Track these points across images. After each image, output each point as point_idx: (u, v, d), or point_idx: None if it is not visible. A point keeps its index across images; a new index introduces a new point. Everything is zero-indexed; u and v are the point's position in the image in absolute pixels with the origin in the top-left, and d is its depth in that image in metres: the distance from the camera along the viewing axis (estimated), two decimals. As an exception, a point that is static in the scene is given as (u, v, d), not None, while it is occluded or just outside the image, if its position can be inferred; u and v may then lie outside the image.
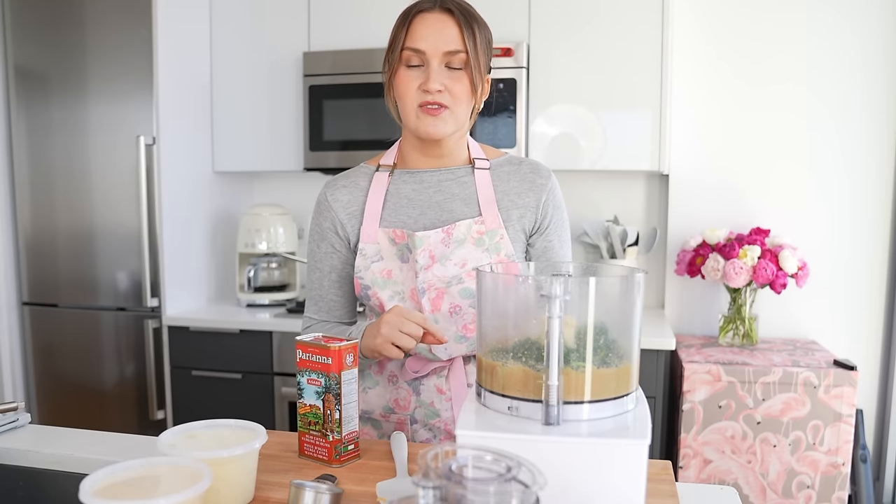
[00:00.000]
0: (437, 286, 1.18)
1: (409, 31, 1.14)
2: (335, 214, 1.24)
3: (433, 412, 1.22)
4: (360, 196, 1.24)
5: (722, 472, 2.20)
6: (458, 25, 1.13)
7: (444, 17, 1.13)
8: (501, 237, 1.19)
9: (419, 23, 1.13)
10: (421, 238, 1.16)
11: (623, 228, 2.65)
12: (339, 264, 1.27)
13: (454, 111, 1.15)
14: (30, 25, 2.61)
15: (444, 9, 1.14)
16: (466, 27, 1.13)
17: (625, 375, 0.79)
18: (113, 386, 2.64)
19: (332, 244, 1.26)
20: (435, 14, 1.13)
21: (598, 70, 2.45)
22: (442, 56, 1.12)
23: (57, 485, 1.10)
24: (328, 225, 1.26)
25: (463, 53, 1.13)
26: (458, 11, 1.14)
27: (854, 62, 2.48)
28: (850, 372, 2.12)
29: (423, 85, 1.13)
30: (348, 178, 1.27)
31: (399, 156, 1.27)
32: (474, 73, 1.14)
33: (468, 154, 1.25)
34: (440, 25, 1.12)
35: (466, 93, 1.15)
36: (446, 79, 1.13)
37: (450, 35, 1.12)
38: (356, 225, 1.24)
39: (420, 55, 1.13)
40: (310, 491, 0.83)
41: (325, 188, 1.27)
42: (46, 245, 2.67)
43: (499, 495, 0.57)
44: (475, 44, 1.14)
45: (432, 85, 1.12)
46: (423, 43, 1.12)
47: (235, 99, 2.79)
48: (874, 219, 2.52)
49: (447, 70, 1.14)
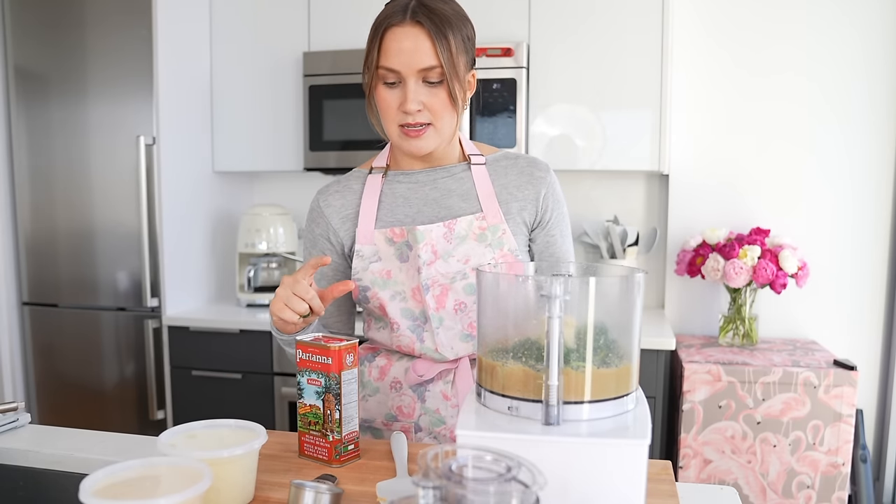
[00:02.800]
0: (442, 282, 1.16)
1: (382, 49, 1.10)
2: (328, 221, 1.23)
3: (439, 419, 1.20)
4: (353, 199, 1.23)
5: (722, 472, 2.20)
6: (430, 38, 1.08)
7: (414, 30, 1.08)
8: (504, 232, 1.18)
9: (391, 39, 1.09)
10: (422, 232, 1.15)
11: (623, 228, 2.65)
12: (329, 272, 1.25)
13: (437, 126, 1.13)
14: (30, 26, 2.61)
15: (415, 21, 1.08)
16: (439, 38, 1.08)
17: (625, 375, 0.79)
18: (113, 386, 2.64)
19: (322, 250, 1.25)
20: (405, 28, 1.08)
21: (597, 70, 2.45)
22: (417, 73, 1.09)
23: (57, 485, 1.10)
24: (320, 232, 1.24)
25: (437, 68, 1.09)
26: (429, 21, 1.08)
27: (855, 61, 2.48)
28: (850, 372, 2.12)
29: (401, 106, 1.11)
30: (340, 183, 1.26)
31: (391, 158, 1.25)
32: (452, 84, 1.10)
33: (462, 152, 1.24)
34: (411, 43, 1.08)
35: (447, 106, 1.12)
36: (424, 96, 1.10)
37: (423, 50, 1.08)
38: (350, 229, 1.22)
39: (395, 73, 1.10)
40: (310, 491, 0.83)
41: (317, 195, 1.26)
42: (46, 245, 2.67)
43: (499, 495, 0.57)
44: (451, 54, 1.09)
45: (410, 106, 1.09)
46: (395, 62, 1.09)
47: (235, 99, 2.79)
48: (874, 219, 2.52)
49: (425, 86, 1.10)
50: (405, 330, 1.19)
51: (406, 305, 1.18)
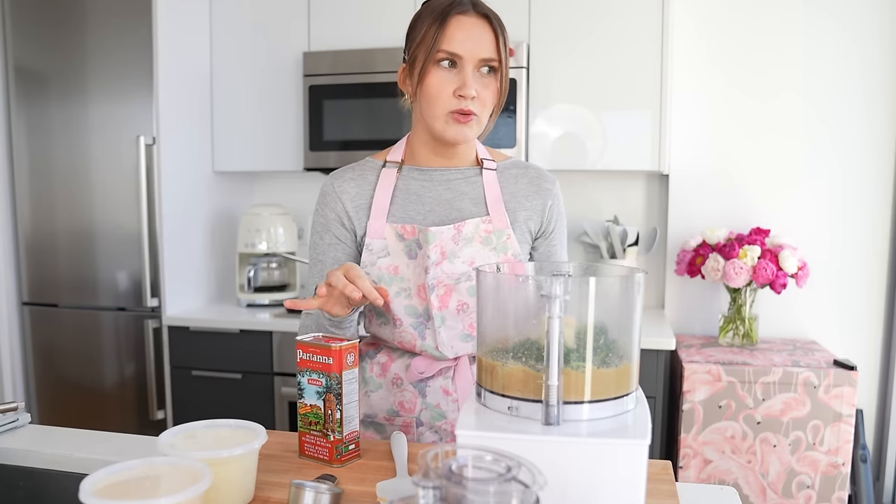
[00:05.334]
0: (447, 283, 1.18)
1: (446, 34, 1.12)
2: (343, 205, 1.23)
3: (439, 414, 1.22)
4: (367, 189, 1.23)
5: (722, 472, 2.20)
6: (493, 32, 1.13)
7: (481, 22, 1.13)
8: (508, 237, 1.20)
9: (456, 25, 1.12)
10: (434, 234, 1.16)
11: (623, 228, 2.66)
12: (342, 256, 1.25)
13: (480, 118, 1.17)
14: (30, 26, 2.61)
15: (481, 14, 1.14)
16: (501, 34, 1.14)
17: (625, 375, 0.79)
18: (113, 386, 2.64)
19: (336, 235, 1.24)
20: (472, 18, 1.13)
21: (598, 70, 2.45)
22: (478, 62, 1.13)
23: (57, 485, 1.10)
24: (333, 216, 1.24)
25: (496, 61, 1.14)
26: (494, 18, 1.14)
27: (854, 61, 2.48)
28: (850, 372, 2.12)
29: (458, 90, 1.12)
30: (355, 170, 1.26)
31: (408, 152, 1.26)
32: (504, 80, 1.16)
33: (476, 155, 1.27)
34: (477, 31, 1.12)
35: (494, 98, 1.17)
36: (479, 84, 1.14)
37: (486, 41, 1.13)
38: (363, 218, 1.22)
39: (456, 58, 1.13)
40: (310, 491, 0.83)
41: (331, 178, 1.25)
42: (46, 245, 2.67)
43: (499, 495, 0.57)
44: (506, 50, 1.15)
45: (469, 91, 1.12)
46: (460, 47, 1.12)
47: (235, 99, 2.79)
48: (874, 219, 2.52)
49: (479, 75, 1.14)
50: (408, 327, 1.20)
51: (410, 302, 1.20)
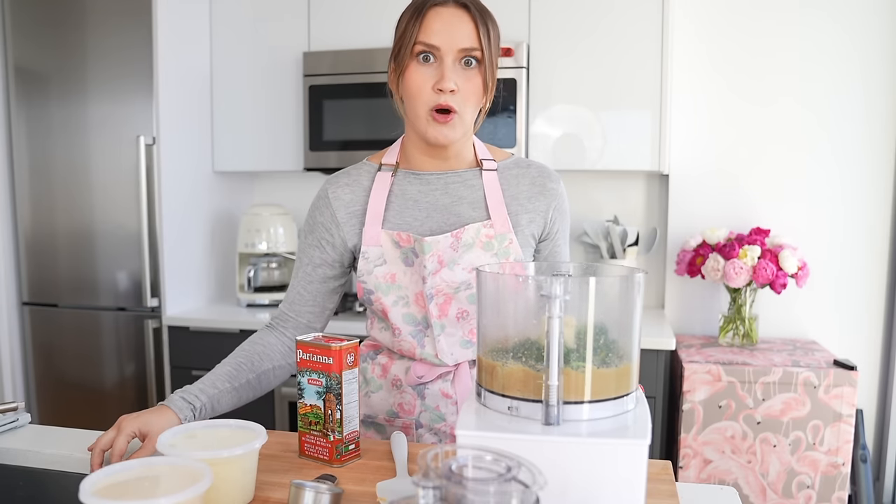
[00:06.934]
0: (446, 291, 1.15)
1: (423, 25, 1.09)
2: (333, 212, 1.20)
3: (439, 416, 1.20)
4: (362, 196, 1.20)
5: (722, 472, 2.20)
6: (473, 21, 1.09)
7: (459, 12, 1.09)
8: (510, 241, 1.16)
9: (433, 17, 1.09)
10: (430, 243, 1.12)
11: (623, 228, 2.65)
12: (317, 259, 1.22)
13: (462, 115, 1.11)
14: (30, 25, 2.61)
15: (459, 4, 1.09)
16: (482, 24, 1.09)
17: (625, 375, 0.79)
18: (113, 386, 2.64)
19: (319, 238, 1.22)
20: (450, 9, 1.09)
21: (598, 70, 2.45)
22: (457, 53, 1.09)
23: (57, 485, 1.10)
24: (322, 220, 1.22)
25: (478, 51, 1.09)
26: (474, 7, 1.10)
27: (854, 61, 2.48)
28: (850, 372, 2.12)
29: (437, 84, 1.08)
30: (350, 175, 1.23)
31: (402, 155, 1.22)
32: (487, 72, 1.11)
33: (475, 155, 1.22)
34: (456, 21, 1.08)
35: (478, 93, 1.12)
36: (460, 78, 1.09)
37: (465, 31, 1.08)
38: (356, 226, 1.20)
39: (434, 51, 1.09)
40: (310, 491, 0.83)
41: (327, 183, 1.23)
42: (46, 245, 2.67)
43: (499, 495, 0.57)
44: (489, 42, 1.10)
45: (447, 84, 1.07)
46: (437, 38, 1.08)
47: (235, 99, 2.79)
48: (874, 218, 2.52)
49: (460, 68, 1.10)
50: (406, 335, 1.18)
51: (408, 311, 1.18)
